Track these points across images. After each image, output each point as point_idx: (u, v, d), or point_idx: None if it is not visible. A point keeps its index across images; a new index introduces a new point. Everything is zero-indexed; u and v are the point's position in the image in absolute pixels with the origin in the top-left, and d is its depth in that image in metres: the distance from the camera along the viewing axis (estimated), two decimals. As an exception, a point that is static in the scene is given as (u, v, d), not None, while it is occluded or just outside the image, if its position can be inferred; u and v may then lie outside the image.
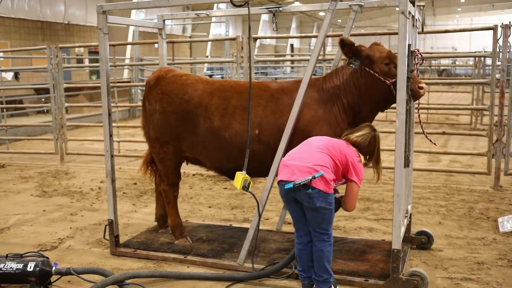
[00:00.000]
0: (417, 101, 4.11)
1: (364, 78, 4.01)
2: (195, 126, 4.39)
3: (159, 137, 4.54)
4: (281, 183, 3.52)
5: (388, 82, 3.89)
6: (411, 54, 3.78)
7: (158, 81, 4.58)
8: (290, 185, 3.41)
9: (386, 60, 3.95)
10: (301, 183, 3.38)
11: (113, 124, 6.24)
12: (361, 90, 4.06)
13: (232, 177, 4.51)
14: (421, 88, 3.84)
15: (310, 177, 3.38)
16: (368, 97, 4.05)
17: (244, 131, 4.20)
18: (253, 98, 4.17)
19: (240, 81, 4.69)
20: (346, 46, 3.98)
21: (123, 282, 3.75)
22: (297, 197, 3.47)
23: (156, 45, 11.13)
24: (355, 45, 3.98)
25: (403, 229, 3.90)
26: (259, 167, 4.12)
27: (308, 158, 3.51)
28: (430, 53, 13.44)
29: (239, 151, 4.26)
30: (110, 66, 6.30)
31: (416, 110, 4.22)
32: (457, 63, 25.71)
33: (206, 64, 22.61)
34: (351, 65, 4.00)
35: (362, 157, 3.70)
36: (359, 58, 3.99)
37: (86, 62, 19.22)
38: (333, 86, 4.16)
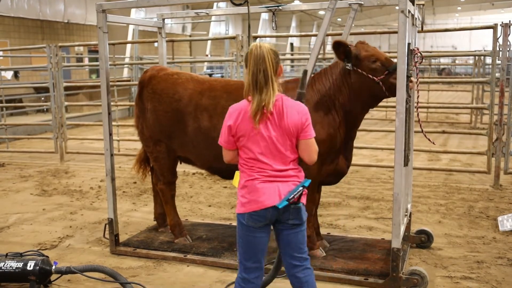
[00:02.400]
0: (416, 100, 4.12)
1: (354, 77, 4.01)
2: (185, 126, 4.39)
3: (152, 136, 4.56)
4: (266, 210, 2.82)
5: (376, 79, 3.90)
6: (411, 53, 3.79)
7: (150, 80, 4.59)
8: (285, 203, 2.79)
9: (372, 58, 3.94)
10: (295, 197, 2.81)
11: (113, 123, 6.25)
12: (352, 89, 4.05)
13: (222, 176, 4.53)
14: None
15: (301, 187, 2.86)
16: (359, 95, 4.05)
17: None
18: (242, 98, 4.17)
19: (231, 81, 4.69)
20: (341, 47, 3.96)
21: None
22: (281, 217, 2.85)
23: (156, 44, 11.07)
24: (348, 46, 3.95)
25: (402, 228, 3.90)
26: None
27: (282, 168, 2.89)
28: (430, 52, 13.44)
29: None
30: (110, 65, 6.31)
31: (416, 109, 4.23)
32: (457, 62, 25.67)
33: (206, 63, 22.59)
34: (347, 66, 4.00)
35: None
36: (350, 58, 3.97)
37: (86, 61, 19.18)
38: (323, 86, 4.14)
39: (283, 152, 2.89)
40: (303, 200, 2.89)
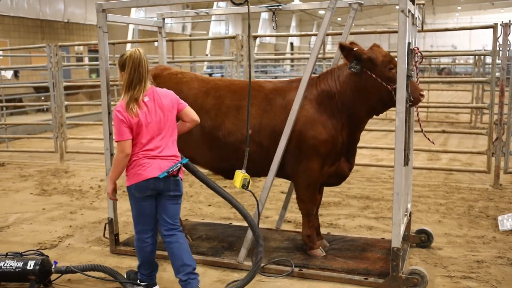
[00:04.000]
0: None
1: (365, 81, 3.95)
2: None
3: None
4: (149, 180, 3.44)
5: (390, 88, 3.85)
6: (411, 52, 3.78)
7: (153, 79, 4.56)
8: (165, 174, 3.43)
9: (389, 65, 3.88)
10: (174, 170, 3.46)
11: (113, 123, 6.24)
12: (360, 93, 4.01)
13: (226, 176, 4.52)
14: (422, 95, 3.88)
15: (179, 164, 3.50)
16: (366, 100, 4.01)
17: (236, 131, 4.22)
18: (247, 98, 4.17)
19: (236, 80, 4.68)
20: (345, 50, 3.96)
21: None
22: (163, 188, 3.47)
23: (156, 44, 11.07)
24: (355, 49, 3.92)
25: (402, 228, 3.90)
26: (252, 167, 4.12)
27: (164, 148, 3.51)
28: (430, 52, 13.46)
29: (231, 150, 4.27)
30: (110, 64, 6.29)
31: (416, 109, 4.22)
32: (457, 61, 25.67)
33: (206, 63, 22.58)
34: (352, 69, 3.95)
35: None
36: (360, 61, 3.94)
37: (86, 61, 19.15)
38: (328, 87, 4.12)
39: (164, 133, 3.51)
40: (181, 175, 3.59)
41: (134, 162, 3.49)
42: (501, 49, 6.53)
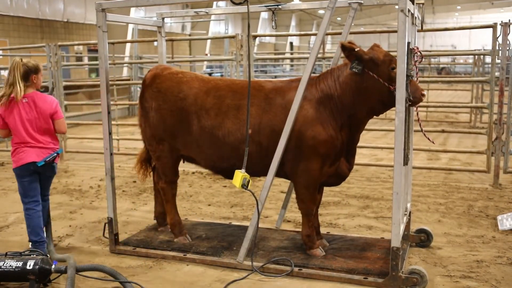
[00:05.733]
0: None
1: (366, 81, 3.93)
2: (190, 124, 4.39)
3: (155, 135, 4.55)
4: (29, 164, 4.35)
5: (391, 88, 3.83)
6: (410, 52, 3.78)
7: (154, 79, 4.58)
8: (42, 163, 4.34)
9: (392, 64, 3.85)
10: (50, 159, 4.39)
11: (113, 122, 6.25)
12: (360, 93, 3.99)
13: (225, 176, 4.52)
14: (423, 95, 3.88)
15: (55, 154, 4.43)
16: (367, 100, 4.00)
17: (236, 131, 4.21)
18: (247, 98, 4.18)
19: (236, 80, 4.68)
20: (346, 50, 3.95)
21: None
22: (42, 170, 4.38)
23: (155, 43, 11.08)
24: (356, 49, 3.91)
25: (402, 227, 3.90)
26: (251, 167, 4.12)
27: (41, 140, 4.38)
28: (430, 51, 13.45)
29: (232, 150, 4.27)
30: (109, 64, 6.29)
31: (415, 108, 4.22)
32: (456, 61, 25.65)
33: (205, 62, 22.56)
34: (353, 69, 3.93)
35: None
36: (362, 62, 3.93)
37: (85, 60, 19.15)
38: (328, 87, 4.11)
39: (40, 128, 4.35)
40: (57, 160, 4.52)
41: (17, 149, 4.39)
42: (500, 48, 6.53)
